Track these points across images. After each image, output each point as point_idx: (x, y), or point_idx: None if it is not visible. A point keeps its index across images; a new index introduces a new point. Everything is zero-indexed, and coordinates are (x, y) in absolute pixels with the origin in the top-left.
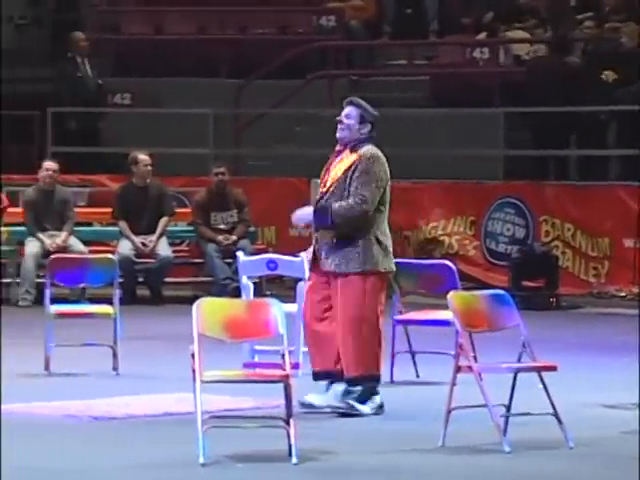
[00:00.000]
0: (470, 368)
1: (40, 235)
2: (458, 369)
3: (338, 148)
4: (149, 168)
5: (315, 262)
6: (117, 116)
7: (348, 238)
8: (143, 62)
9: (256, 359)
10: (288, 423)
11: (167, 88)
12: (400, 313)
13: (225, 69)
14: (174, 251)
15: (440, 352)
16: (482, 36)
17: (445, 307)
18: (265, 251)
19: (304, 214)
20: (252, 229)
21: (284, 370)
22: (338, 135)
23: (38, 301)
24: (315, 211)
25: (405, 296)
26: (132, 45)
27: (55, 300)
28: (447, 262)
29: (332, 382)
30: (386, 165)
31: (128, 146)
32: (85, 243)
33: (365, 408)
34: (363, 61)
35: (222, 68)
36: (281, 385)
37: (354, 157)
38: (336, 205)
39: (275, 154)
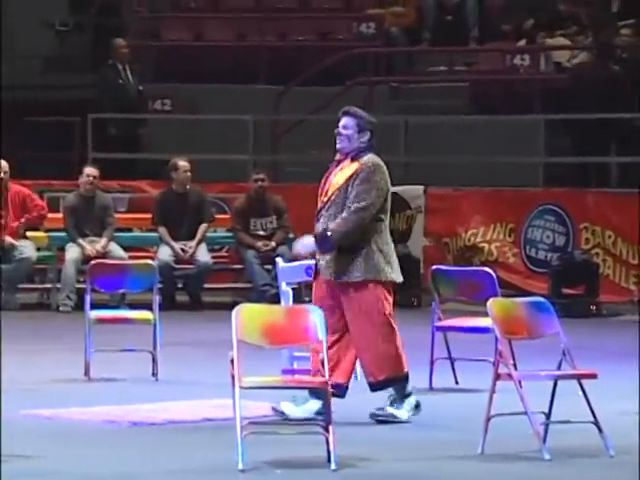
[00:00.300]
0: (510, 375)
1: (80, 241)
2: (497, 376)
3: (338, 157)
4: (188, 174)
5: (317, 273)
6: (157, 122)
7: (349, 247)
8: (183, 68)
9: (295, 365)
10: (327, 429)
11: (207, 94)
12: (439, 320)
13: (265, 75)
14: (213, 257)
15: (479, 359)
16: (522, 43)
17: (484, 314)
18: (305, 258)
19: (305, 244)
20: (291, 235)
21: (323, 377)
22: (338, 146)
23: (78, 307)
24: (315, 240)
25: (444, 303)
26: (172, 51)
27: (95, 306)
28: (487, 269)
29: (316, 397)
30: (387, 174)
31: (168, 152)
32: (125, 249)
33: (402, 413)
34: (403, 68)
35: (262, 74)
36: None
37: (355, 166)
38: (333, 226)
39: (314, 160)
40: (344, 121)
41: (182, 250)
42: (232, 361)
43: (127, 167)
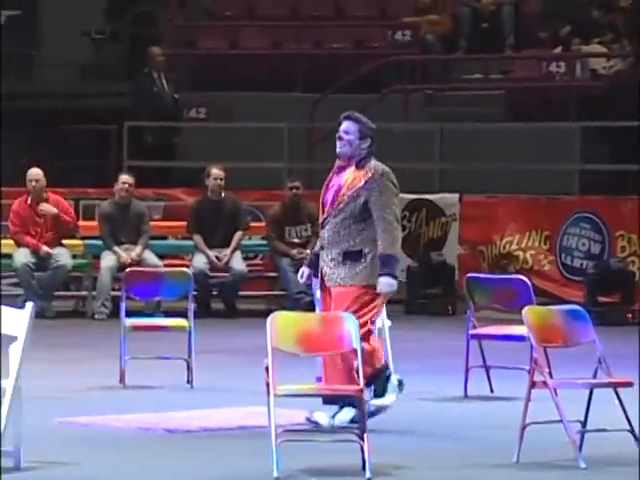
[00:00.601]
0: (545, 384)
1: (116, 248)
2: (533, 384)
3: (340, 164)
4: (219, 182)
5: (323, 282)
6: (192, 130)
7: (354, 253)
8: (219, 76)
9: None
10: (362, 438)
11: (242, 102)
12: (474, 328)
13: (300, 83)
14: (248, 265)
15: (515, 367)
16: (558, 50)
17: (519, 322)
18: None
19: (391, 284)
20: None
21: (358, 385)
22: (338, 151)
23: (114, 314)
24: (384, 268)
25: (479, 311)
26: (208, 60)
27: (130, 313)
28: (522, 277)
29: (342, 406)
30: (395, 179)
31: (203, 160)
32: (160, 257)
33: (388, 399)
34: (438, 75)
35: (297, 82)
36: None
37: (362, 173)
38: (384, 245)
39: None
40: (346, 125)
41: (217, 258)
42: (267, 369)
43: (162, 175)
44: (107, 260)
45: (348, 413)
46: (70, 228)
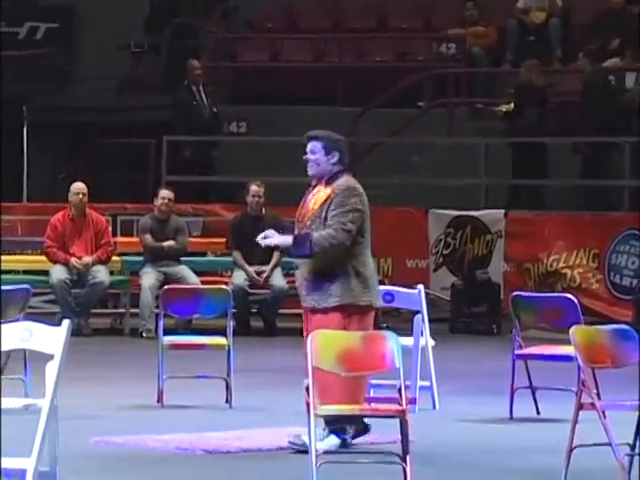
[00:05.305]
0: (593, 405)
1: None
2: (580, 406)
3: (313, 183)
4: (257, 199)
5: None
6: (232, 144)
7: (325, 272)
8: (259, 90)
9: (371, 393)
10: (404, 459)
11: (283, 116)
12: (520, 348)
13: (342, 97)
14: (288, 282)
15: (561, 388)
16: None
17: (566, 342)
18: (381, 283)
19: (271, 234)
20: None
21: (400, 405)
22: (309, 173)
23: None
24: (294, 239)
25: (525, 330)
26: (248, 72)
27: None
28: (569, 296)
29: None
30: (364, 195)
31: (243, 175)
32: (198, 274)
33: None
34: (484, 89)
35: (339, 96)
36: (397, 420)
37: (329, 190)
38: (316, 234)
39: (392, 184)
40: (310, 146)
41: (257, 274)
42: (307, 388)
43: (201, 190)
44: (148, 278)
45: (336, 439)
46: (107, 258)
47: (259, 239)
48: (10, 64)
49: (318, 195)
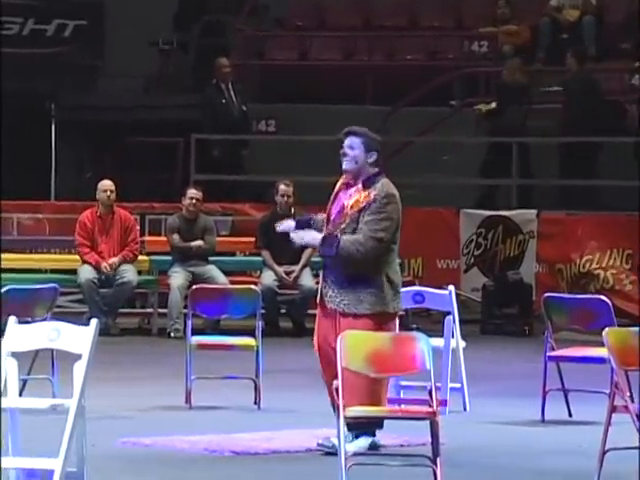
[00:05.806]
0: (626, 408)
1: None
2: (613, 409)
3: (346, 180)
4: (286, 199)
5: (322, 303)
6: (261, 143)
7: (361, 278)
8: (288, 88)
9: (401, 395)
10: (434, 462)
11: (312, 115)
12: (552, 349)
13: (371, 96)
14: (317, 282)
15: (594, 391)
16: None
17: (599, 344)
18: (412, 283)
19: (290, 226)
20: (398, 260)
21: (431, 407)
22: (344, 167)
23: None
24: (323, 239)
25: (557, 332)
26: (277, 71)
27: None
28: (602, 297)
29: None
30: (399, 203)
31: (272, 174)
32: (227, 273)
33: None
34: None
35: (368, 95)
36: (427, 422)
37: (368, 195)
38: (345, 237)
39: (422, 183)
40: (349, 141)
41: (286, 274)
42: (336, 389)
43: (230, 189)
44: (176, 278)
45: (366, 441)
46: (133, 257)
47: (278, 227)
48: (38, 62)
49: (355, 197)
